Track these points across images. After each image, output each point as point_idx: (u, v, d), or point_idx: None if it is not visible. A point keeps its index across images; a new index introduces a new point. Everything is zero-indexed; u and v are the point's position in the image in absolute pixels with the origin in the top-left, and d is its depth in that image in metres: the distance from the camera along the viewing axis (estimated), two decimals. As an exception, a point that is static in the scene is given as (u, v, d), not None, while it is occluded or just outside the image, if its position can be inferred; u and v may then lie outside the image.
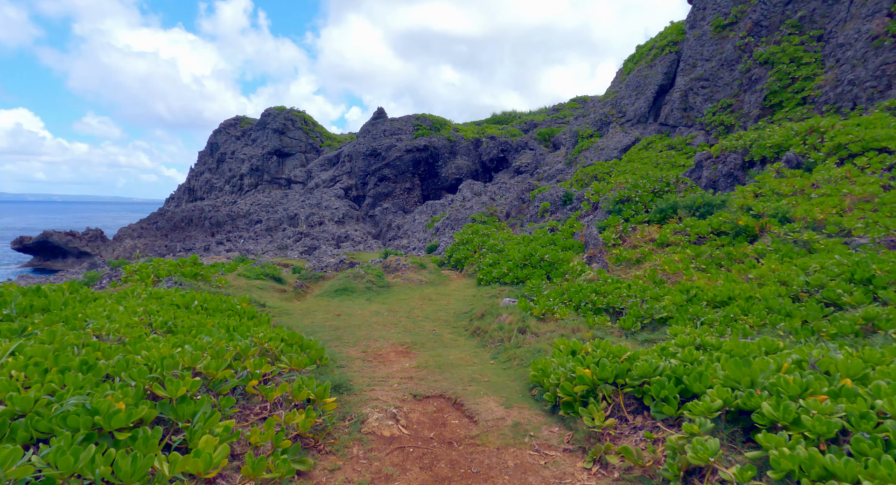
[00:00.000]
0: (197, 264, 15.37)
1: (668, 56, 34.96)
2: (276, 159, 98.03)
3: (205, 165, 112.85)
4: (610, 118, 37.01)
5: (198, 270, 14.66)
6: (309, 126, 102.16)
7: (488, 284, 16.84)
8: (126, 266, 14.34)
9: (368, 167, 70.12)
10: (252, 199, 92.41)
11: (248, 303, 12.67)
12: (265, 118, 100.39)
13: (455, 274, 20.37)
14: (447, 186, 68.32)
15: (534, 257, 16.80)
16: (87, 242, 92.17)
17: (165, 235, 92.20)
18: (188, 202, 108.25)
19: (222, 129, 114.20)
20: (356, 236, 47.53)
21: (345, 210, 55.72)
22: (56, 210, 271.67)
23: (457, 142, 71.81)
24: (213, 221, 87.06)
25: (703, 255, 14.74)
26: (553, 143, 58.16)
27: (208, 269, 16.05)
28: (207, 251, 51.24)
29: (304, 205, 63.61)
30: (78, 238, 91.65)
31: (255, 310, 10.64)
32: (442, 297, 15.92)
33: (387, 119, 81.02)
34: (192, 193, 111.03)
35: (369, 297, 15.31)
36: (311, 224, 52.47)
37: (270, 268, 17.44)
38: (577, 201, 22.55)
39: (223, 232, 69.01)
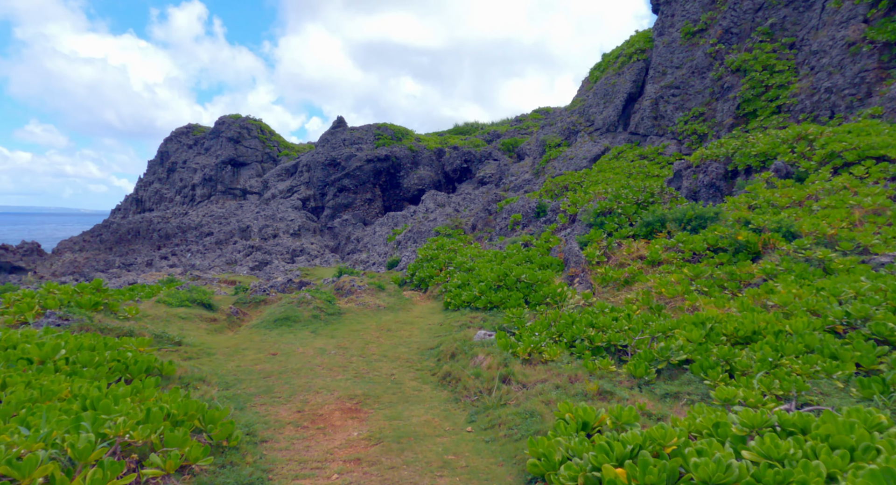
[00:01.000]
0: (100, 291, 12.47)
1: (636, 64, 33.63)
2: (230, 169, 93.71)
3: (154, 174, 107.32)
4: (578, 127, 35.41)
5: (99, 299, 11.79)
6: (266, 135, 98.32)
7: (457, 309, 14.48)
8: (6, 295, 11.37)
9: (327, 177, 67.12)
10: (205, 210, 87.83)
11: (153, 342, 9.91)
12: (219, 126, 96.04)
13: (418, 295, 17.92)
14: (409, 197, 65.92)
15: (509, 278, 14.53)
16: (22, 256, 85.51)
17: (110, 248, 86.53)
18: (136, 214, 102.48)
19: (174, 137, 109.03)
20: (312, 250, 44.51)
21: (301, 222, 52.58)
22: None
23: (419, 152, 69.59)
24: (162, 234, 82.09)
25: (702, 275, 12.75)
26: (517, 153, 56.61)
27: (115, 295, 13.14)
28: (150, 266, 47.27)
29: (259, 216, 60.12)
30: (11, 252, 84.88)
31: (154, 358, 7.94)
32: (403, 326, 13.44)
33: (347, 128, 78.23)
34: (141, 203, 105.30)
35: (316, 328, 12.70)
36: (265, 237, 49.14)
37: (199, 292, 14.64)
38: (553, 213, 20.51)
39: (171, 245, 64.69)
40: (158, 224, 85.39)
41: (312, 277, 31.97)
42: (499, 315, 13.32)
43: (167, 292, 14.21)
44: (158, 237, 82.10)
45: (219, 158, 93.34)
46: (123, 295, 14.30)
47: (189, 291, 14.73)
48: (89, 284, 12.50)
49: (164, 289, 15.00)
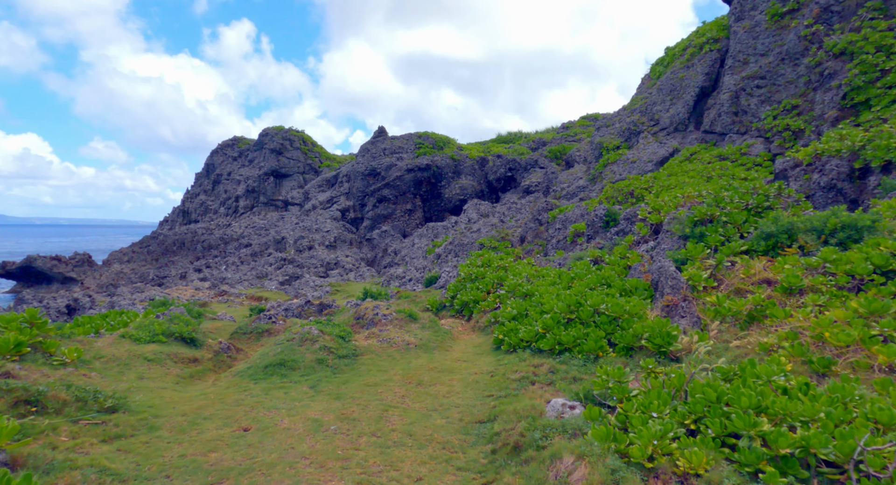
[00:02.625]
0: (35, 325, 9.11)
1: (708, 54, 29.04)
2: (272, 180, 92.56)
3: (200, 186, 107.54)
4: (640, 127, 30.96)
5: (26, 338, 8.42)
6: (308, 146, 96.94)
7: (513, 350, 10.54)
8: None
9: (367, 188, 64.30)
10: (247, 221, 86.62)
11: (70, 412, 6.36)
12: (262, 138, 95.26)
13: (460, 325, 14.04)
14: (451, 207, 62.33)
15: (583, 308, 10.49)
16: (73, 267, 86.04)
17: (156, 259, 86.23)
18: (182, 225, 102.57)
19: (219, 149, 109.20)
20: (347, 263, 41.27)
21: (337, 233, 49.60)
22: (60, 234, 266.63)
23: (461, 161, 66.05)
24: (206, 245, 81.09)
25: (884, 312, 8.44)
26: (566, 160, 52.24)
27: (55, 332, 9.79)
28: (183, 279, 45.05)
29: (297, 228, 57.60)
30: (64, 263, 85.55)
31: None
32: (440, 377, 9.57)
33: (387, 137, 75.61)
34: (187, 215, 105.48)
35: (317, 380, 8.98)
36: (300, 249, 46.29)
37: (181, 322, 11.19)
38: (627, 222, 16.33)
39: (210, 257, 62.95)
40: (202, 235, 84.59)
41: (342, 294, 28.55)
42: (573, 363, 9.31)
43: (139, 323, 10.82)
44: (202, 248, 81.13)
45: (262, 169, 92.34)
46: (85, 326, 11.01)
47: (170, 320, 11.31)
48: (22, 314, 9.18)
49: (139, 318, 11.67)
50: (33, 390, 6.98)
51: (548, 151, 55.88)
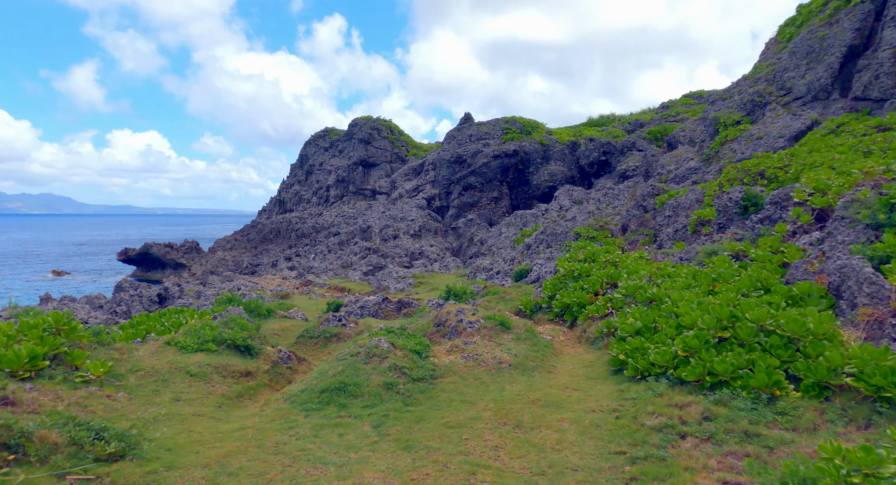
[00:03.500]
0: (63, 331, 7.63)
1: (859, 7, 23.91)
2: (361, 170, 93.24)
3: (295, 177, 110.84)
4: (766, 98, 26.33)
5: (46, 350, 6.91)
6: (395, 135, 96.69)
7: (641, 377, 7.83)
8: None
9: (452, 175, 62.37)
10: (337, 210, 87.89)
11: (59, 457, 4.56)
12: (352, 128, 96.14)
13: (562, 334, 11.42)
14: (539, 194, 59.01)
15: (742, 324, 7.56)
16: (184, 253, 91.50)
17: (255, 246, 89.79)
18: (278, 214, 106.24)
19: (312, 141, 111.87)
20: (432, 253, 39.47)
21: (422, 222, 48.00)
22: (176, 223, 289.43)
23: (550, 146, 62.36)
24: (299, 233, 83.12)
25: None
26: (667, 141, 47.34)
27: (103, 337, 8.31)
28: (274, 267, 45.40)
29: (383, 217, 56.79)
30: (175, 250, 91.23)
31: None
32: (545, 416, 7.06)
33: (473, 123, 73.23)
34: (283, 205, 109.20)
35: (383, 417, 6.78)
36: (385, 238, 45.15)
37: (237, 327, 9.47)
38: (775, 208, 12.81)
39: (301, 245, 63.90)
40: (296, 224, 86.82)
41: (425, 287, 26.63)
42: (736, 405, 6.47)
43: (189, 328, 9.20)
44: (295, 237, 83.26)
45: (351, 159, 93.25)
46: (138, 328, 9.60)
47: (224, 323, 9.64)
48: (46, 317, 7.73)
49: (193, 320, 10.09)
50: (16, 430, 5.29)
51: (646, 133, 50.99)
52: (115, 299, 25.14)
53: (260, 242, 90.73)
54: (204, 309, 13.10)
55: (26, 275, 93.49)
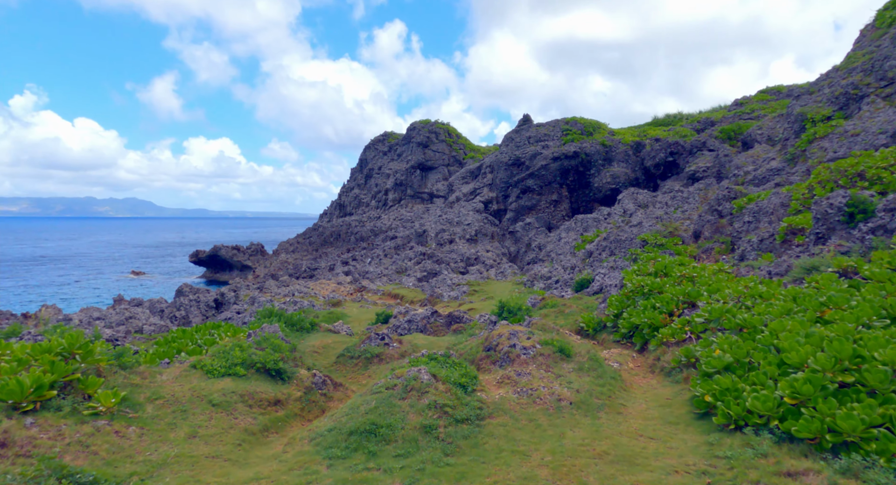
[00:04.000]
0: (80, 354, 6.97)
1: (975, -18, 20.82)
2: (419, 173, 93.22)
3: (354, 181, 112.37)
4: (864, 90, 23.43)
5: (57, 377, 6.26)
6: (452, 138, 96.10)
7: (736, 428, 6.35)
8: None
9: (510, 178, 60.85)
10: (395, 214, 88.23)
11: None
12: (410, 132, 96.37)
13: (631, 359, 9.95)
14: (601, 197, 56.55)
15: (872, 366, 5.96)
16: (249, 255, 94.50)
17: (315, 249, 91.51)
18: (338, 218, 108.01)
19: (371, 145, 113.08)
20: (488, 258, 38.21)
21: (478, 226, 46.80)
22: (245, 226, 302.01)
23: (612, 147, 59.72)
24: (358, 236, 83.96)
25: None
26: (742, 141, 44.12)
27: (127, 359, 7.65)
28: (331, 271, 45.47)
29: (439, 221, 56.04)
30: (242, 252, 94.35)
31: None
32: (615, 476, 5.69)
33: (532, 125, 71.44)
34: (343, 208, 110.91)
35: (417, 472, 5.64)
36: (441, 242, 44.27)
37: (269, 348, 8.63)
38: (891, 215, 10.76)
39: (359, 249, 64.18)
40: (355, 227, 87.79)
41: (479, 296, 25.43)
42: (873, 476, 4.97)
43: (219, 349, 8.44)
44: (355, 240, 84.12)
45: (409, 162, 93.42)
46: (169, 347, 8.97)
47: (257, 343, 8.84)
48: (61, 341, 7.11)
49: (226, 340, 9.33)
50: (132, 420, 4.55)
51: (718, 131, 47.69)
52: (175, 304, 25.50)
53: (321, 244, 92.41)
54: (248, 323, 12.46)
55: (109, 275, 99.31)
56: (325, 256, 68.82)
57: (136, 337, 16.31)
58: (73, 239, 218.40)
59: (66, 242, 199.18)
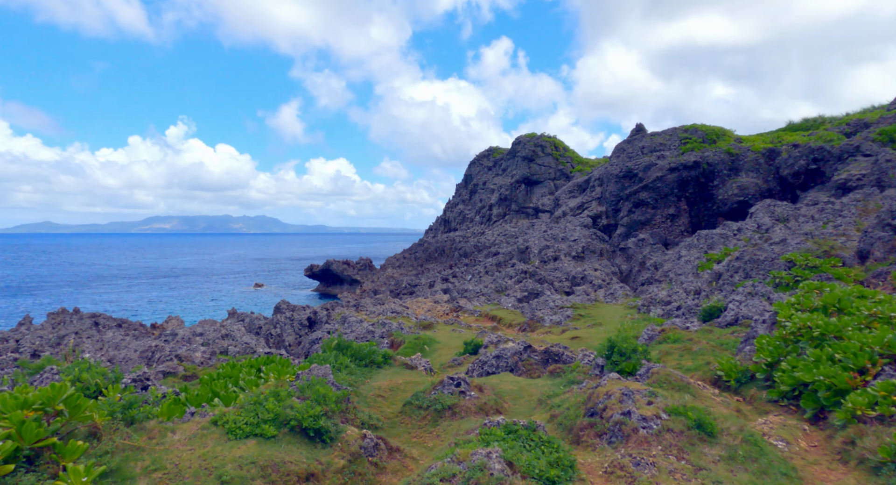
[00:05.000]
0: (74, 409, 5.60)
1: None
2: (524, 188, 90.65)
3: (459, 196, 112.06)
4: None
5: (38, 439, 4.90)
6: (559, 151, 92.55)
7: None
8: None
9: (621, 191, 56.47)
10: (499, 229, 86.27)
11: None
12: (515, 147, 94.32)
13: (802, 436, 6.94)
14: (726, 210, 50.53)
15: None
16: (358, 270, 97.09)
17: (420, 264, 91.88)
18: (443, 233, 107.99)
19: (476, 160, 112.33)
20: (596, 278, 34.76)
21: (586, 242, 43.31)
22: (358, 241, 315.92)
23: (740, 155, 53.40)
24: (462, 252, 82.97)
25: None
26: (909, 141, 37.03)
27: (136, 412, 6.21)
28: (431, 288, 44.29)
29: (544, 236, 53.12)
30: (351, 267, 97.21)
31: None
32: None
33: (646, 134, 66.37)
34: (447, 223, 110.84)
35: None
36: (545, 259, 41.40)
37: (314, 397, 6.87)
38: None
39: (460, 266, 62.80)
40: (459, 243, 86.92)
41: (586, 321, 22.44)
42: None
43: (248, 400, 6.80)
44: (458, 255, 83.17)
45: (513, 177, 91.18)
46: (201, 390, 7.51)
47: (301, 390, 7.14)
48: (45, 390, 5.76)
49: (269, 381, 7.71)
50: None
51: (877, 134, 40.46)
52: (272, 321, 25.31)
53: (425, 260, 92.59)
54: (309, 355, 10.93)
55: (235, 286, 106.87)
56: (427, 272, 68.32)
57: (219, 359, 15.58)
58: (209, 254, 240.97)
59: (203, 256, 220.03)
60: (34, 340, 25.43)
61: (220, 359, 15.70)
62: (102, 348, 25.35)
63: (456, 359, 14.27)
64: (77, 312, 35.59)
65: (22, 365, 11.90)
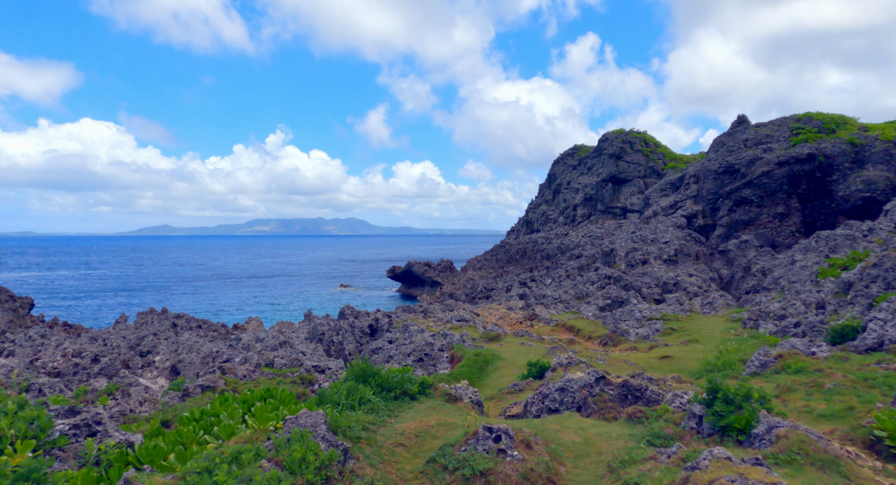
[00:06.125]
0: None
1: None
2: (610, 187, 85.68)
3: (542, 197, 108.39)
4: None
5: None
6: (650, 148, 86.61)
7: None
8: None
9: (720, 188, 51.02)
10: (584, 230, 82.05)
11: None
12: (601, 144, 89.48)
13: None
14: (848, 208, 44.00)
15: None
16: (439, 272, 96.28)
17: (501, 266, 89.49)
18: (525, 235, 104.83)
19: (560, 159, 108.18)
20: (691, 284, 30.79)
21: (678, 245, 39.02)
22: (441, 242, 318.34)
23: (866, 145, 46.45)
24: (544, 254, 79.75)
25: None
26: None
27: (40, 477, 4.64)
28: (508, 292, 41.90)
29: (632, 238, 49.06)
30: (432, 268, 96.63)
31: None
32: None
33: (749, 126, 59.98)
34: (530, 225, 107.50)
35: None
36: (632, 263, 37.71)
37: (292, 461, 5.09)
38: None
39: (540, 269, 59.82)
40: (541, 244, 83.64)
41: (679, 336, 19.23)
42: None
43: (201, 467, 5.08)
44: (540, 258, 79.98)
45: (600, 176, 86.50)
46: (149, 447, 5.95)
47: (279, 445, 5.35)
48: None
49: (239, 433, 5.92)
50: None
51: None
52: (335, 327, 24.17)
53: (507, 262, 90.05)
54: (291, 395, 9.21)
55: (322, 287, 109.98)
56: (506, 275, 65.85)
57: (263, 373, 14.40)
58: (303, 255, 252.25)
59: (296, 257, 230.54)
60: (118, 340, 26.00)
61: (265, 372, 14.51)
62: (177, 350, 25.46)
63: (517, 384, 12.05)
64: (164, 312, 36.76)
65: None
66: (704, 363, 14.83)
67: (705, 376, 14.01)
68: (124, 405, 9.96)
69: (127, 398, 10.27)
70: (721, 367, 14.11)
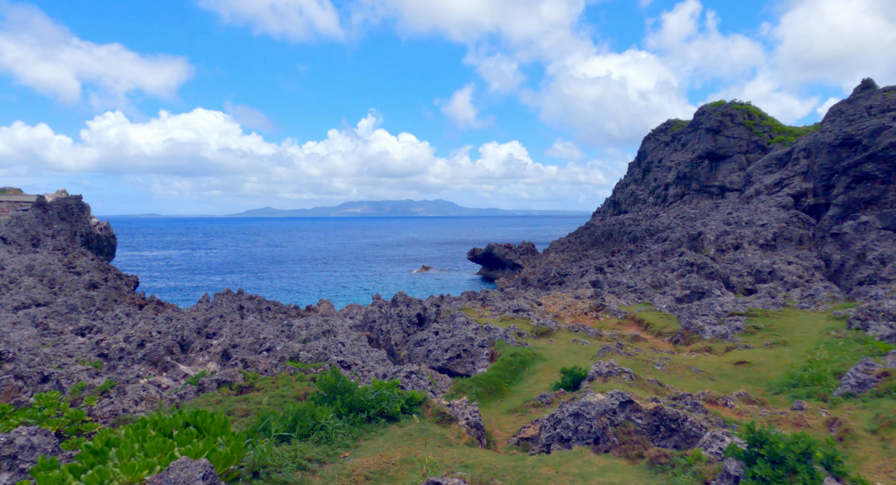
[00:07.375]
0: None
1: None
2: (707, 164, 78.76)
3: (631, 176, 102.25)
4: None
5: None
6: (753, 120, 78.39)
7: None
8: None
9: (836, 163, 44.59)
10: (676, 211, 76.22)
11: None
12: (697, 118, 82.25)
13: None
14: None
15: None
16: (520, 255, 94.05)
17: (585, 249, 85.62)
18: (611, 216, 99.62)
19: (651, 136, 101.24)
20: (788, 273, 26.71)
21: (779, 227, 34.34)
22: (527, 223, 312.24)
23: None
24: (631, 236, 75.20)
25: None
26: None
27: None
28: (582, 278, 39.31)
29: (725, 220, 44.27)
30: (513, 251, 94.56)
31: None
32: None
33: (876, 91, 52.00)
34: (617, 206, 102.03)
35: None
36: (722, 248, 33.72)
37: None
38: None
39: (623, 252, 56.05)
40: (629, 226, 78.87)
41: (763, 337, 16.32)
42: None
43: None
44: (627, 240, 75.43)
45: (695, 152, 79.78)
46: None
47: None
48: None
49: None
50: None
51: None
52: (385, 315, 23.39)
53: (591, 244, 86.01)
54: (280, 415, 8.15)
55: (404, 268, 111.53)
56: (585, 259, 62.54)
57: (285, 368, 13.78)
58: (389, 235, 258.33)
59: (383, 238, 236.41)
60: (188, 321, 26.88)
61: (287, 366, 13.89)
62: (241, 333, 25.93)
63: (545, 395, 10.37)
64: (241, 293, 37.98)
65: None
66: (788, 375, 12.24)
67: (785, 391, 11.52)
68: (118, 405, 9.56)
69: (122, 397, 9.89)
70: (808, 381, 11.53)
